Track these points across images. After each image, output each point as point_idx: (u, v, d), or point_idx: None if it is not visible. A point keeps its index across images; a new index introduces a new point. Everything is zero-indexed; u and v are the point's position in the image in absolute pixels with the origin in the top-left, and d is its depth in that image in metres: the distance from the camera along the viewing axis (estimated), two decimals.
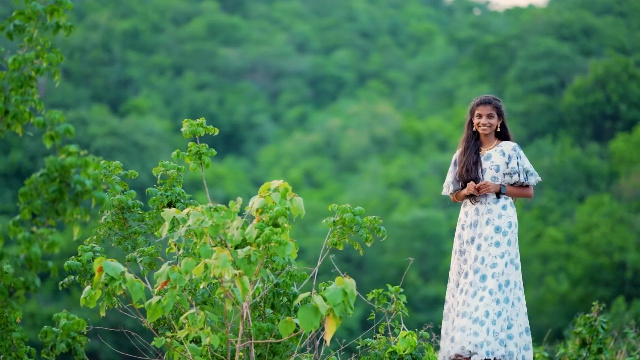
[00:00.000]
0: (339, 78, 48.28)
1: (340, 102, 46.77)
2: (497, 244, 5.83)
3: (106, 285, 4.68)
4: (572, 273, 28.13)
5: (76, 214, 3.82)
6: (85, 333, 5.38)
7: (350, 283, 4.46)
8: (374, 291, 6.29)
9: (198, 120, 5.79)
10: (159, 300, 4.67)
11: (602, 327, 7.41)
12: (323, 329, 4.61)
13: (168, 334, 5.08)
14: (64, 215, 3.79)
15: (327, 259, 5.89)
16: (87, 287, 4.77)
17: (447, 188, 6.11)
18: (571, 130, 37.55)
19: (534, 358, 7.91)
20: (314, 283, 5.68)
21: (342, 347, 6.10)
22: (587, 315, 7.50)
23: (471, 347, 5.67)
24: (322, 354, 5.91)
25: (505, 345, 5.74)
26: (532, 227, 31.11)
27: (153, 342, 5.00)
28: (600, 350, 7.39)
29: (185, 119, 5.76)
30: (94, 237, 5.81)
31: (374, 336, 6.17)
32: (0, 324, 5.34)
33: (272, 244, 4.67)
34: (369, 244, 5.73)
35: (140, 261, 5.65)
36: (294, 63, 47.74)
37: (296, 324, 4.68)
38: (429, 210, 34.62)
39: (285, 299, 5.66)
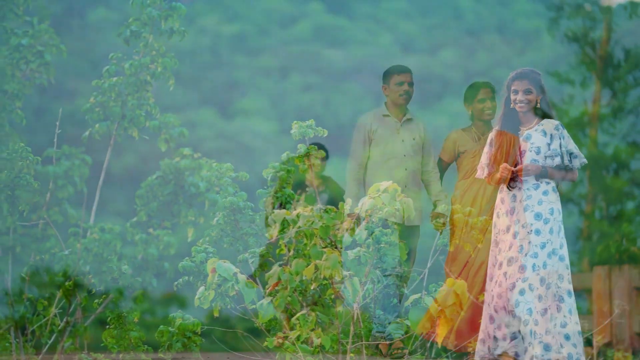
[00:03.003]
0: (444, 77, 47.91)
1: (446, 101, 46.39)
2: (537, 232, 5.26)
3: (219, 285, 4.76)
4: None
5: (190, 216, 3.90)
6: (199, 333, 5.49)
7: (461, 285, 4.42)
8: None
9: (307, 122, 5.81)
10: (271, 301, 4.71)
11: None
12: (434, 331, 4.58)
13: (280, 334, 5.12)
14: (179, 216, 3.87)
15: (437, 260, 5.83)
16: (201, 288, 4.86)
17: (482, 171, 5.56)
18: None
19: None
20: (424, 284, 5.63)
21: (453, 350, 6.03)
22: None
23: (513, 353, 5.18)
24: (432, 355, 5.86)
25: (561, 346, 5.14)
26: None
27: (265, 343, 5.05)
28: None
29: (295, 121, 5.79)
30: (207, 238, 5.91)
31: None
32: (119, 323, 5.49)
33: (382, 245, 4.67)
34: (480, 245, 5.64)
35: (252, 262, 5.72)
36: (400, 63, 47.58)
37: (407, 325, 4.66)
38: None
39: (395, 300, 5.64)
